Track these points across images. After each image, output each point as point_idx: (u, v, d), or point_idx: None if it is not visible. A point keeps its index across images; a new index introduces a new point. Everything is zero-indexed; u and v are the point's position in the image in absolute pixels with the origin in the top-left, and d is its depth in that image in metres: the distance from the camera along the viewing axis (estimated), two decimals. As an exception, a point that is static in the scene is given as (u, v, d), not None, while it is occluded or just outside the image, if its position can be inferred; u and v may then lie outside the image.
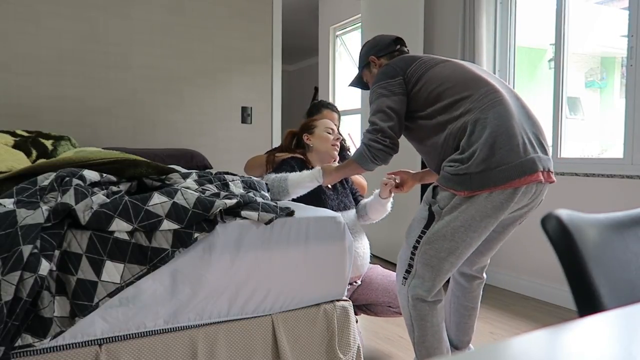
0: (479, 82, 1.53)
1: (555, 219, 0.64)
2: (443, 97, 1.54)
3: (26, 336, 1.14)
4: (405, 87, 1.63)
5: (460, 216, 1.47)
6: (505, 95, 1.50)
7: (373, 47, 1.89)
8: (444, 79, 1.57)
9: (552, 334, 0.46)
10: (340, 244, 1.66)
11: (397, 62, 1.68)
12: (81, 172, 1.40)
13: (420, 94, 1.60)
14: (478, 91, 1.50)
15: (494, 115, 1.43)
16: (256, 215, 1.46)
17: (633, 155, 2.56)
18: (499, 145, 1.40)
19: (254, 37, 3.63)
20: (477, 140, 1.42)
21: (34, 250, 1.12)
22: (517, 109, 1.51)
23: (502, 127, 1.41)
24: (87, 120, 3.08)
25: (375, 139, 1.61)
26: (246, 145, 3.63)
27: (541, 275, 2.98)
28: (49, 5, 2.94)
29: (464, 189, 1.44)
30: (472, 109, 1.47)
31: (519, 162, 1.40)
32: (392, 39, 1.88)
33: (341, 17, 5.35)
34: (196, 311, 1.40)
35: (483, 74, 1.59)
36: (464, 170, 1.42)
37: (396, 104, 1.61)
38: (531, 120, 1.53)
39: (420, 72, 1.61)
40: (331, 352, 1.63)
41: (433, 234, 1.53)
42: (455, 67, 1.61)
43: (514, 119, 1.45)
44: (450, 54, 3.59)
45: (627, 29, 2.56)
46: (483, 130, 1.42)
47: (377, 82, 1.67)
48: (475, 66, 1.66)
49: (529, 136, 1.46)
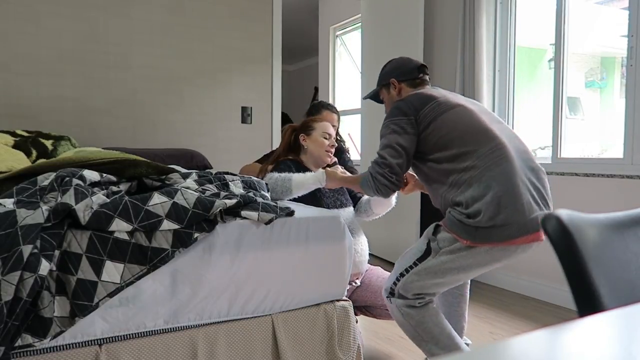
0: (487, 135, 1.56)
1: (555, 219, 0.64)
2: (451, 145, 1.57)
3: (26, 336, 1.14)
4: (417, 127, 1.64)
5: (457, 261, 1.54)
6: (511, 151, 1.53)
7: (396, 69, 1.88)
8: (454, 126, 1.59)
9: (552, 334, 0.46)
10: (340, 244, 1.66)
11: (413, 100, 1.68)
12: (81, 172, 1.40)
13: (430, 138, 1.62)
14: (485, 146, 1.53)
15: (499, 173, 1.48)
16: (256, 215, 1.46)
17: (633, 155, 2.56)
18: (504, 205, 1.45)
19: (254, 37, 3.63)
20: (481, 199, 1.47)
21: (34, 250, 1.12)
22: (521, 161, 1.55)
23: (507, 187, 1.46)
24: (87, 120, 3.08)
25: (383, 173, 1.64)
26: (246, 145, 3.63)
27: (541, 275, 2.98)
28: (49, 5, 2.94)
29: (467, 239, 1.49)
30: (477, 165, 1.51)
31: (523, 221, 1.45)
32: (416, 65, 1.85)
33: (341, 17, 5.35)
34: (196, 311, 1.40)
35: (492, 124, 1.62)
36: (469, 223, 1.48)
37: (406, 142, 1.63)
38: (534, 172, 1.57)
39: (433, 116, 1.62)
40: (331, 352, 1.63)
41: (425, 269, 1.60)
42: (466, 115, 1.62)
43: (518, 175, 1.49)
44: (450, 54, 3.59)
45: (627, 29, 2.56)
46: (488, 189, 1.46)
47: (390, 117, 1.68)
48: (485, 113, 1.68)
49: (532, 192, 1.51)
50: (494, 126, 1.61)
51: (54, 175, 1.37)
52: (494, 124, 1.64)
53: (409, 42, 3.69)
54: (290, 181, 1.86)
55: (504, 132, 1.62)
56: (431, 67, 3.80)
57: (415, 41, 3.63)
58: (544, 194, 1.55)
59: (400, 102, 1.70)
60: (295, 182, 1.85)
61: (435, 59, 3.79)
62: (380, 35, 4.09)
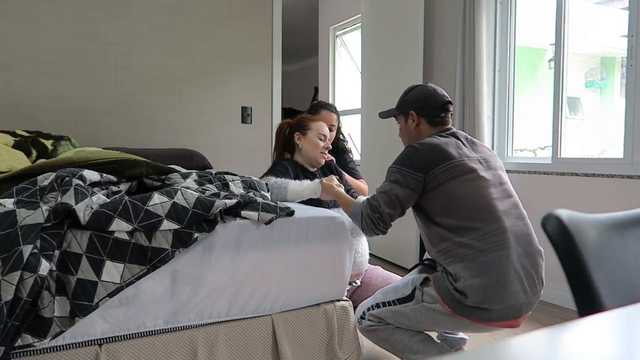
0: (491, 215, 1.53)
1: (555, 219, 0.64)
2: (453, 216, 1.54)
3: (26, 336, 1.14)
4: (424, 186, 1.58)
5: (435, 319, 1.59)
6: (510, 237, 1.51)
7: (419, 101, 1.75)
8: (462, 197, 1.55)
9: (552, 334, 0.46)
10: (340, 244, 1.66)
11: (428, 154, 1.59)
12: (81, 172, 1.40)
13: (435, 201, 1.58)
14: (487, 227, 1.51)
15: (493, 260, 1.47)
16: (256, 215, 1.46)
17: (633, 155, 2.56)
18: (491, 293, 1.46)
19: (254, 37, 3.63)
20: (469, 280, 1.47)
21: (34, 250, 1.12)
22: (519, 247, 1.53)
23: (497, 276, 1.46)
24: (87, 120, 3.08)
25: (373, 217, 1.62)
26: (246, 145, 3.63)
27: (541, 275, 2.98)
28: (49, 5, 2.94)
29: (450, 307, 1.53)
30: (473, 245, 1.49)
31: (506, 309, 1.49)
32: (441, 103, 1.73)
33: (341, 17, 5.35)
34: (196, 311, 1.40)
35: (501, 200, 1.57)
36: (456, 296, 1.51)
37: (405, 197, 1.59)
38: (530, 256, 1.55)
39: (444, 179, 1.56)
40: (331, 352, 1.63)
41: (402, 311, 1.64)
42: (477, 187, 1.56)
43: (512, 264, 1.48)
44: (450, 54, 3.59)
45: (627, 29, 2.56)
46: (478, 275, 1.47)
47: (399, 165, 1.62)
48: (497, 185, 1.61)
49: (522, 280, 1.50)
50: (502, 204, 1.57)
51: (54, 175, 1.37)
52: (503, 200, 1.58)
53: (409, 42, 3.69)
54: (286, 190, 1.86)
55: (510, 211, 1.58)
56: (431, 67, 3.80)
57: (415, 41, 3.63)
58: (535, 281, 1.55)
59: (414, 151, 1.61)
60: (290, 191, 1.86)
61: (435, 59, 3.79)
62: (380, 35, 4.09)
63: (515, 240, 1.52)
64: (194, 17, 3.40)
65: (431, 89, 1.76)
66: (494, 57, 3.29)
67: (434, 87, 1.78)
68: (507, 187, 1.65)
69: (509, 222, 1.54)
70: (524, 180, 3.09)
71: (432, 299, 1.58)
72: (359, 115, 4.61)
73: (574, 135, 2.97)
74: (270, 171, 2.04)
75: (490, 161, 1.67)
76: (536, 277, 1.55)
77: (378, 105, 4.12)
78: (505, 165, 3.24)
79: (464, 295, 1.48)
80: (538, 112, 3.21)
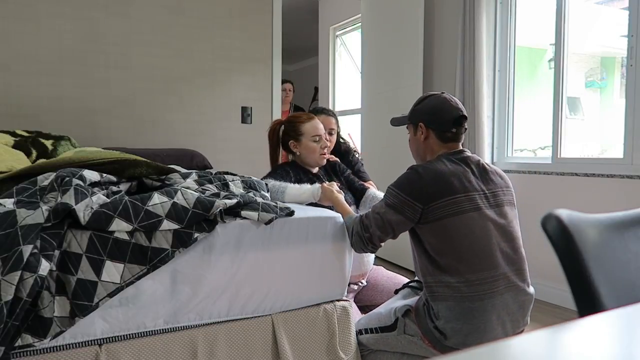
0: (487, 261, 1.46)
1: (555, 219, 0.64)
2: (446, 254, 1.47)
3: (26, 336, 1.14)
4: (421, 216, 1.49)
5: (415, 349, 1.61)
6: (501, 286, 1.46)
7: (431, 113, 1.62)
8: (458, 237, 1.46)
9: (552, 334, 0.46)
10: (340, 244, 1.66)
11: (431, 183, 1.48)
12: (81, 172, 1.40)
13: (430, 234, 1.51)
14: (478, 274, 1.44)
15: (477, 308, 1.43)
16: (256, 215, 1.46)
17: (633, 155, 2.56)
18: (471, 339, 1.47)
19: (254, 37, 3.62)
20: (453, 321, 1.46)
21: (34, 250, 1.12)
22: (510, 294, 1.48)
23: (479, 324, 1.45)
24: (87, 120, 3.07)
25: (362, 236, 1.58)
26: (246, 145, 3.62)
27: (541, 275, 2.98)
28: (49, 5, 2.94)
29: (431, 343, 1.54)
30: (460, 289, 1.44)
31: None
32: (454, 117, 1.59)
33: (341, 17, 5.35)
34: (196, 311, 1.40)
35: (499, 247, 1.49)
36: (436, 334, 1.51)
37: (398, 224, 1.52)
38: (519, 302, 1.51)
39: (443, 214, 1.47)
40: (332, 352, 1.63)
41: (383, 340, 1.66)
42: (476, 228, 1.47)
43: (497, 312, 1.45)
44: (451, 54, 3.59)
45: (627, 29, 2.56)
46: (462, 318, 1.45)
47: (399, 188, 1.53)
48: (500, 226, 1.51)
49: (505, 325, 1.49)
50: (502, 247, 1.49)
51: (54, 175, 1.37)
52: (503, 244, 1.50)
53: (409, 42, 3.69)
54: (283, 194, 1.82)
55: (509, 256, 1.50)
56: (431, 67, 3.80)
57: (415, 41, 3.63)
58: (520, 323, 1.54)
59: (417, 177, 1.51)
60: (288, 196, 1.82)
61: (435, 59, 3.79)
62: (380, 35, 4.09)
63: (506, 288, 1.47)
64: (194, 17, 3.39)
65: (445, 101, 1.62)
66: (494, 57, 3.29)
67: (449, 98, 1.64)
68: (511, 227, 1.54)
69: (504, 269, 1.47)
70: (524, 180, 3.09)
71: (413, 332, 1.59)
72: (359, 115, 4.61)
73: (574, 135, 2.97)
74: (270, 174, 1.99)
75: (499, 196, 1.56)
76: (522, 321, 1.55)
77: (378, 105, 4.12)
78: (505, 165, 3.24)
79: (444, 336, 1.49)
80: (538, 112, 3.21)
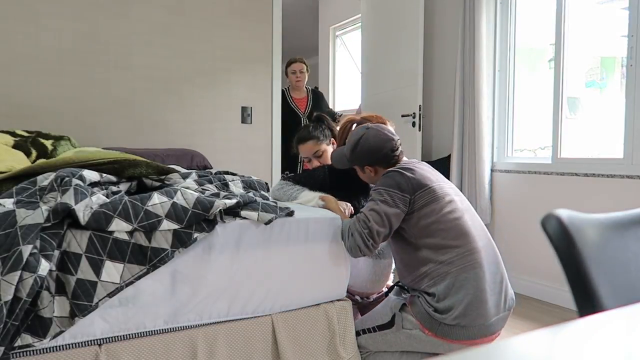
0: (467, 237, 1.61)
1: (555, 219, 0.64)
2: (436, 235, 1.60)
3: (26, 336, 1.14)
4: (410, 206, 1.62)
5: (415, 345, 1.64)
6: (483, 257, 1.60)
7: (369, 155, 1.75)
8: (442, 218, 1.62)
9: (552, 334, 0.46)
10: (340, 244, 1.66)
11: (412, 179, 1.64)
12: (81, 172, 1.40)
13: (420, 220, 1.61)
14: (465, 247, 1.59)
15: (473, 277, 1.56)
16: (256, 215, 1.46)
17: (633, 155, 2.56)
18: (471, 308, 1.54)
19: (254, 37, 3.62)
20: (454, 295, 1.55)
21: (33, 250, 1.12)
22: (490, 265, 1.62)
23: (476, 292, 1.55)
24: (87, 120, 3.07)
25: (361, 232, 1.58)
26: (246, 145, 3.62)
27: (541, 275, 2.98)
28: (49, 5, 2.94)
29: (431, 331, 1.58)
30: (455, 262, 1.57)
31: (483, 325, 1.56)
32: (390, 149, 1.75)
33: (341, 17, 5.35)
34: (196, 311, 1.40)
35: (474, 225, 1.66)
36: (437, 318, 1.56)
37: (394, 217, 1.60)
38: (499, 274, 1.64)
39: (428, 200, 1.63)
40: (333, 351, 1.63)
41: (382, 338, 1.68)
42: (455, 211, 1.64)
43: (487, 282, 1.58)
44: (451, 54, 3.59)
45: (627, 29, 2.56)
46: (461, 289, 1.55)
47: (385, 186, 1.63)
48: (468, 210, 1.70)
49: (495, 296, 1.60)
50: (474, 226, 1.66)
51: (53, 175, 1.37)
52: (475, 224, 1.67)
53: (409, 42, 3.69)
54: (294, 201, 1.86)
55: (481, 234, 1.67)
56: (431, 67, 3.80)
57: (415, 41, 3.62)
58: (504, 297, 1.64)
59: (398, 175, 1.64)
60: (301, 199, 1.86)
61: (435, 59, 3.79)
62: (380, 35, 4.09)
63: (486, 260, 1.61)
64: (194, 17, 3.39)
65: (377, 137, 1.74)
66: (494, 57, 3.29)
67: (379, 131, 1.76)
68: (474, 212, 1.75)
69: (481, 243, 1.63)
70: (524, 180, 3.09)
71: (411, 325, 1.62)
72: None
73: (574, 135, 2.97)
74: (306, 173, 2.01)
75: (454, 188, 1.76)
76: (506, 295, 1.64)
77: (378, 105, 4.11)
78: (505, 165, 3.24)
79: (447, 312, 1.54)
80: (538, 112, 3.20)
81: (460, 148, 3.37)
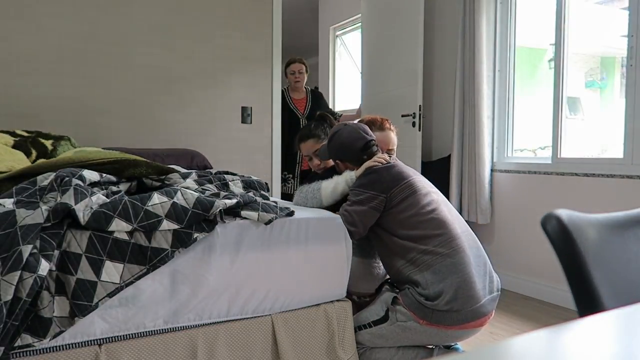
0: (447, 226, 1.67)
1: (555, 219, 0.64)
2: (416, 227, 1.66)
3: (26, 336, 1.14)
4: (386, 204, 1.70)
5: (411, 336, 1.67)
6: (464, 243, 1.67)
7: (339, 150, 1.87)
8: (420, 209, 1.69)
9: (552, 334, 0.46)
10: (340, 244, 1.66)
11: (387, 177, 1.72)
12: (81, 172, 1.40)
13: (399, 215, 1.69)
14: (446, 235, 1.65)
15: (458, 261, 1.61)
16: (256, 215, 1.46)
17: (633, 155, 2.56)
18: (461, 291, 1.58)
19: (254, 37, 3.62)
20: (442, 281, 1.59)
21: (33, 250, 1.12)
22: (472, 249, 1.69)
23: (464, 275, 1.59)
24: (87, 120, 3.07)
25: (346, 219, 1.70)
26: (246, 145, 3.62)
27: (541, 275, 2.98)
28: (49, 5, 2.94)
29: (425, 320, 1.61)
30: (437, 251, 1.62)
31: (474, 308, 1.59)
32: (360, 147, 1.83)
33: (341, 17, 5.35)
34: (196, 311, 1.40)
35: (450, 215, 1.73)
36: (429, 305, 1.58)
37: (368, 216, 1.69)
38: (481, 258, 1.71)
39: (405, 195, 1.71)
40: (332, 352, 1.63)
41: (378, 333, 1.70)
42: (432, 203, 1.72)
43: (472, 265, 1.64)
44: (451, 54, 3.59)
45: (627, 29, 2.56)
46: (448, 274, 1.59)
47: (362, 187, 1.72)
48: (445, 203, 1.78)
49: (482, 279, 1.66)
50: (452, 216, 1.73)
51: (53, 175, 1.37)
52: (452, 213, 1.75)
53: (409, 42, 3.69)
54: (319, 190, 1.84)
55: (459, 221, 1.75)
56: (431, 67, 3.80)
57: (415, 41, 3.62)
58: (492, 279, 1.70)
59: (375, 175, 1.73)
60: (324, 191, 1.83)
61: (436, 59, 3.79)
62: (380, 35, 4.09)
63: (467, 245, 1.68)
64: (194, 17, 3.39)
65: (349, 135, 1.85)
66: (494, 57, 3.29)
67: (353, 129, 1.86)
68: (449, 204, 1.82)
69: (460, 230, 1.70)
70: (524, 180, 3.09)
71: (405, 317, 1.64)
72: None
73: (574, 135, 2.97)
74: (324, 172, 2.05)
75: (429, 183, 1.84)
76: (490, 277, 1.69)
77: (378, 105, 4.12)
78: (505, 165, 3.24)
79: (437, 298, 1.57)
80: (538, 112, 3.20)
81: (460, 148, 3.37)
